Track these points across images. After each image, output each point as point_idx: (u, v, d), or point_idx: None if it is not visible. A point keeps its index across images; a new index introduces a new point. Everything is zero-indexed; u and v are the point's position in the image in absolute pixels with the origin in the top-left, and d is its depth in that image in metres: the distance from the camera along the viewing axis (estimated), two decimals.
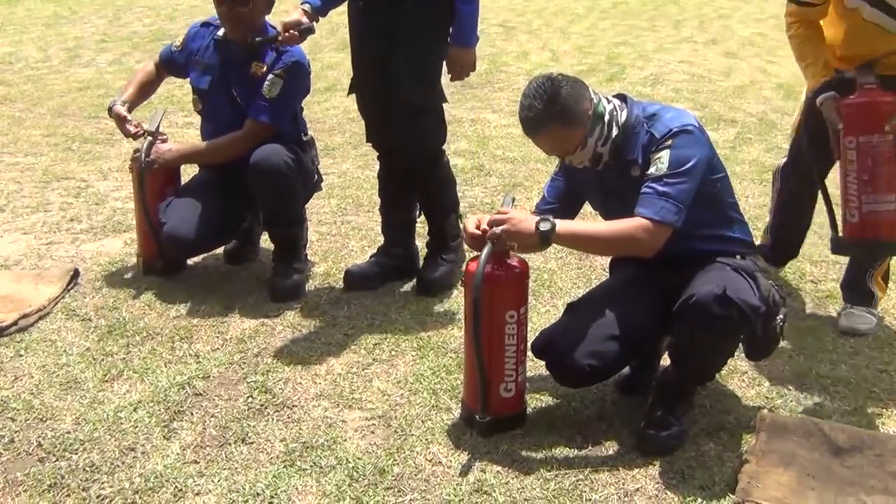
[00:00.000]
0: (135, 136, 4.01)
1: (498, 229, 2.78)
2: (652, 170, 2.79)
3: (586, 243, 2.97)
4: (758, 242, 3.81)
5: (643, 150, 2.86)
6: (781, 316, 2.91)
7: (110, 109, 4.05)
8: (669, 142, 2.80)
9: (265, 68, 3.87)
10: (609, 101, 2.91)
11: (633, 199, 2.82)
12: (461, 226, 3.93)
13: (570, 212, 3.19)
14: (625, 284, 3.08)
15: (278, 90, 3.83)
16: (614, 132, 2.87)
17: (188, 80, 4.13)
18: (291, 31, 3.56)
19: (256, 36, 3.78)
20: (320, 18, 3.66)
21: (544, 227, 2.73)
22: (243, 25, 3.83)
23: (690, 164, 2.78)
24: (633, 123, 2.89)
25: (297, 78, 3.90)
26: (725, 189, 2.98)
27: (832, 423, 2.94)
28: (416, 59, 3.66)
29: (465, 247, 3.27)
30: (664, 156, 2.79)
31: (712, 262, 2.86)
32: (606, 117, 2.86)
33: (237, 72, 3.92)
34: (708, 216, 2.91)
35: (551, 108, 2.79)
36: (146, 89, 4.20)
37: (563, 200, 3.14)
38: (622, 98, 2.97)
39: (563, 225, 2.78)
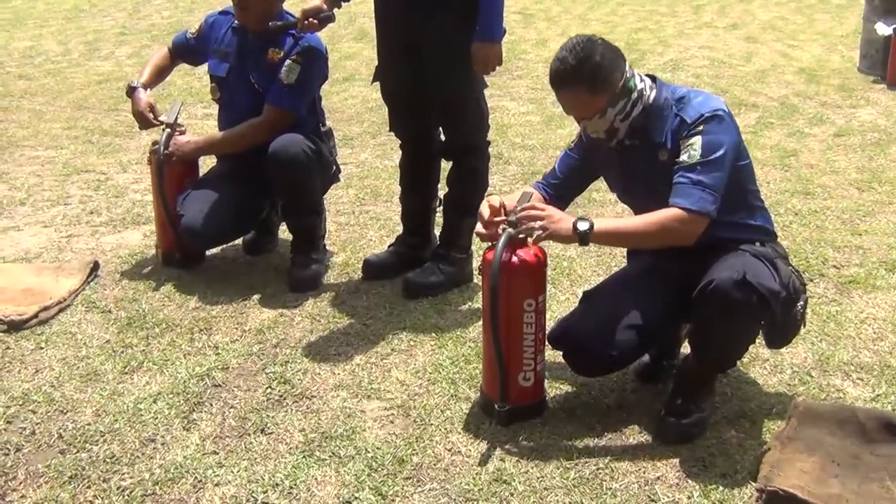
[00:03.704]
0: (149, 127, 4.01)
1: (535, 224, 2.74)
2: (684, 157, 2.75)
3: (625, 239, 2.93)
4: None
5: (672, 135, 2.81)
6: (802, 303, 2.87)
7: (132, 91, 4.04)
8: (701, 127, 2.76)
9: (282, 54, 3.86)
10: (642, 80, 2.87)
11: (659, 183, 2.79)
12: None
13: (577, 189, 3.18)
14: (641, 273, 3.05)
15: (296, 75, 3.82)
16: (637, 110, 2.82)
17: (205, 68, 4.14)
18: (311, 19, 3.54)
19: (274, 22, 3.78)
20: (342, 5, 3.63)
21: (582, 226, 2.70)
22: (251, 12, 3.83)
23: (722, 151, 2.74)
24: (661, 105, 2.84)
25: (315, 62, 3.88)
26: (748, 176, 2.94)
27: (869, 409, 2.89)
28: (447, 58, 3.58)
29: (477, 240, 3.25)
30: (696, 142, 2.74)
31: (731, 249, 2.82)
32: (634, 95, 2.82)
33: (254, 59, 3.91)
34: (730, 203, 2.86)
35: (582, 68, 2.75)
36: (162, 73, 4.21)
37: (572, 176, 3.11)
38: (652, 79, 2.93)
39: (600, 224, 2.74)
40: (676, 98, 2.85)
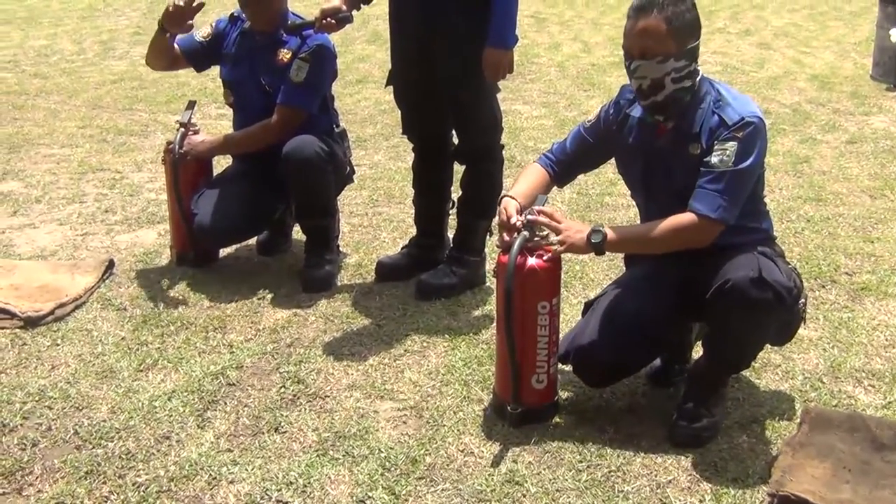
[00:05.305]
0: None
1: (554, 238, 2.82)
2: (715, 160, 2.75)
3: (639, 245, 2.97)
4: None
5: (709, 133, 2.81)
6: (803, 300, 2.89)
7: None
8: (739, 133, 2.75)
9: (291, 54, 3.89)
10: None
11: (678, 177, 2.82)
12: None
13: (583, 170, 3.25)
14: (642, 278, 3.04)
15: (305, 74, 3.85)
16: (686, 83, 2.81)
17: (217, 69, 4.16)
18: (328, 19, 3.54)
19: (293, 21, 3.81)
20: (362, 7, 3.64)
21: (596, 238, 2.78)
22: (264, 14, 3.87)
23: (751, 161, 2.75)
24: (702, 97, 2.85)
25: (323, 60, 3.91)
26: (761, 182, 2.95)
27: (880, 418, 2.90)
28: (460, 62, 3.59)
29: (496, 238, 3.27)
30: (731, 148, 2.74)
31: (737, 251, 2.80)
32: (696, 66, 2.83)
33: (264, 60, 3.94)
34: (742, 208, 2.88)
35: (675, 2, 2.75)
36: (171, 51, 4.04)
37: (582, 157, 3.13)
38: None
39: (613, 233, 2.81)
40: (715, 94, 2.86)
